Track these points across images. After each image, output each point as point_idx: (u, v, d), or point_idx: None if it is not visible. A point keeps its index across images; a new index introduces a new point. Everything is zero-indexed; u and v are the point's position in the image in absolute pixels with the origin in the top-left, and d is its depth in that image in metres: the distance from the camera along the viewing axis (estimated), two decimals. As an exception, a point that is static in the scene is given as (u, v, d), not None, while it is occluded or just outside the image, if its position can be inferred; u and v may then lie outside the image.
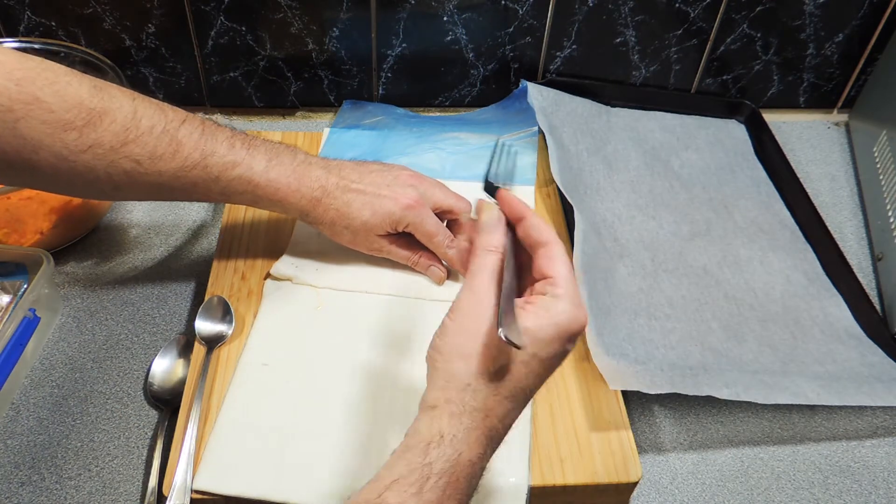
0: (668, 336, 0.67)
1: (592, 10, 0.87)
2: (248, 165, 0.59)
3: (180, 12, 0.84)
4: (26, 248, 0.69)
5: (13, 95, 0.50)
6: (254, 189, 0.60)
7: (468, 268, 0.47)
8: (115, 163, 0.55)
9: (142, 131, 0.55)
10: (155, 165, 0.56)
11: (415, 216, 0.63)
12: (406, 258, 0.67)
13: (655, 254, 0.76)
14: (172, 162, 0.57)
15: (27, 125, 0.51)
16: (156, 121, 0.56)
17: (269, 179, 0.60)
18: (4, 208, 0.68)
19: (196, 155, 0.57)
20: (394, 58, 0.89)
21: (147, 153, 0.55)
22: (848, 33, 0.91)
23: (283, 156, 0.62)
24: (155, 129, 0.56)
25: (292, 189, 0.61)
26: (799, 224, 0.82)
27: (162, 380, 0.64)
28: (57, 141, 0.52)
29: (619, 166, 0.84)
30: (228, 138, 0.59)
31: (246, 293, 0.67)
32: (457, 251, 0.66)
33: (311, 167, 0.63)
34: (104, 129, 0.54)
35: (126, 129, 0.54)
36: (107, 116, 0.54)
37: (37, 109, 0.51)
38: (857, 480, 0.63)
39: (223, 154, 0.58)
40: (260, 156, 0.60)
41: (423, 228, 0.64)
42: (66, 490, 0.58)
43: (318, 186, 0.62)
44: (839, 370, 0.67)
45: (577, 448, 0.57)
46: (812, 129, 0.99)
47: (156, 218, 0.80)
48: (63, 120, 0.52)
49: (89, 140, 0.53)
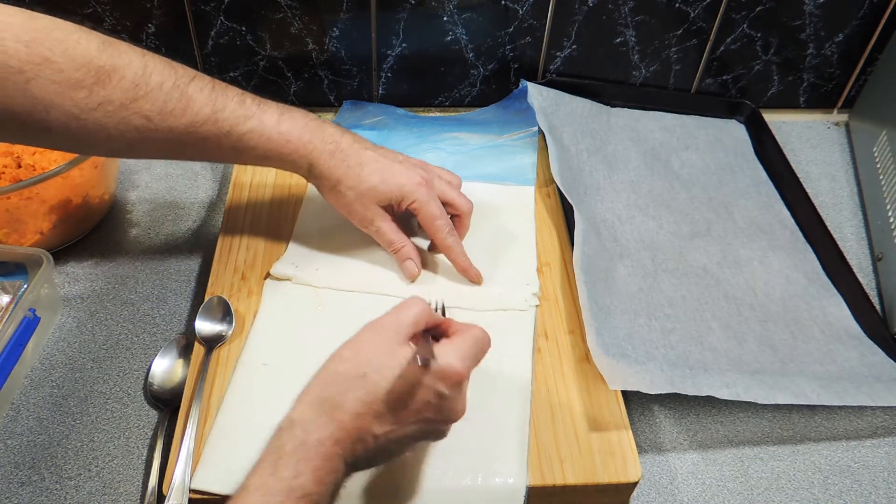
0: (668, 336, 0.67)
1: (592, 10, 0.87)
2: (260, 119, 0.60)
3: (180, 12, 0.84)
4: (26, 248, 0.69)
5: (23, 57, 0.50)
6: (265, 143, 0.60)
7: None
8: (126, 119, 0.55)
9: (151, 87, 0.55)
10: (165, 121, 0.56)
11: (423, 195, 0.64)
12: (389, 243, 0.66)
13: (655, 254, 0.76)
14: (183, 117, 0.57)
15: (38, 85, 0.51)
16: (165, 76, 0.56)
17: (280, 132, 0.61)
18: (4, 208, 0.68)
19: (207, 110, 0.58)
20: (394, 58, 0.89)
21: (157, 109, 0.56)
22: (848, 33, 0.91)
23: (295, 112, 0.63)
24: (165, 85, 0.56)
25: (304, 141, 0.61)
26: (799, 224, 0.82)
27: (162, 380, 0.64)
28: (67, 100, 0.53)
29: (619, 166, 0.84)
30: (239, 95, 0.60)
31: (246, 293, 0.67)
32: (455, 240, 0.66)
33: (326, 125, 0.64)
34: (113, 86, 0.54)
35: (136, 85, 0.55)
36: (116, 73, 0.54)
37: (47, 70, 0.51)
38: (857, 480, 0.63)
39: (234, 109, 0.59)
40: (271, 111, 0.61)
41: (428, 209, 0.64)
42: (66, 490, 0.58)
43: (332, 141, 0.63)
44: (839, 370, 0.67)
45: (577, 448, 0.57)
46: (812, 129, 0.99)
47: (156, 218, 0.80)
48: (73, 79, 0.52)
49: (99, 98, 0.54)
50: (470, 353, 0.49)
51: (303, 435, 0.45)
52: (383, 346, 0.48)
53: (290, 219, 0.73)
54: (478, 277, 0.68)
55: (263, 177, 0.78)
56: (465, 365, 0.48)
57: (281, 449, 0.45)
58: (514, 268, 0.70)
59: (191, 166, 0.86)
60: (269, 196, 0.76)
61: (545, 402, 0.60)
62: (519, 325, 0.65)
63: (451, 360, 0.48)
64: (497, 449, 0.56)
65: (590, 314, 0.63)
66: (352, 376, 0.47)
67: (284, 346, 0.63)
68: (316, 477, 0.44)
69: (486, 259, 0.70)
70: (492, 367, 0.62)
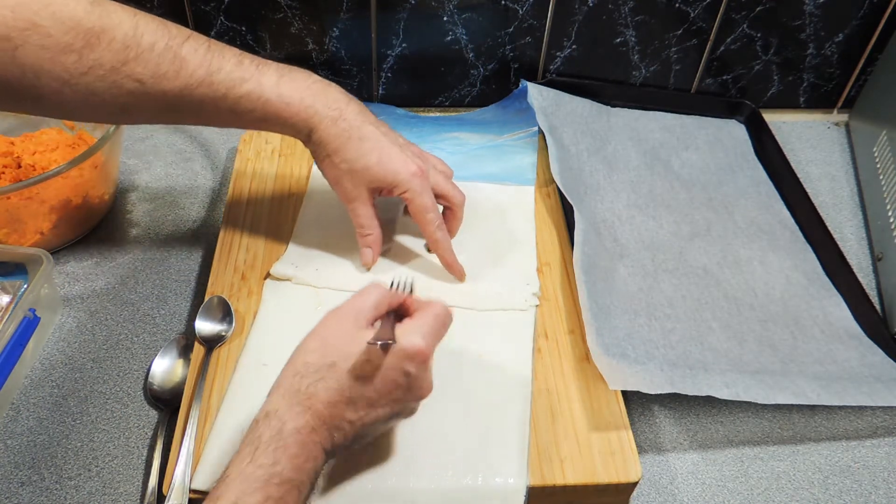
0: (668, 336, 0.67)
1: (592, 10, 0.87)
2: (258, 81, 0.58)
3: (180, 12, 0.84)
4: (26, 248, 0.68)
5: (9, 23, 0.49)
6: (263, 105, 0.58)
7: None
8: (118, 83, 0.54)
9: (143, 49, 0.54)
10: (159, 84, 0.55)
11: (416, 185, 0.63)
12: (360, 226, 0.66)
13: (655, 254, 0.76)
14: (177, 80, 0.55)
15: (26, 52, 0.50)
16: (158, 37, 0.55)
17: (279, 94, 0.59)
18: (4, 208, 0.68)
19: (201, 72, 0.56)
20: (394, 58, 0.89)
21: (150, 72, 0.54)
22: (848, 33, 0.91)
23: (297, 73, 0.61)
24: (157, 46, 0.54)
25: (305, 105, 0.59)
26: (799, 224, 0.82)
27: (162, 380, 0.64)
28: (57, 65, 0.51)
29: (619, 166, 0.84)
30: (237, 55, 0.58)
31: (246, 293, 0.67)
32: (444, 235, 0.66)
33: (329, 88, 0.61)
34: (103, 48, 0.52)
35: (126, 47, 0.53)
36: (105, 35, 0.52)
37: (34, 35, 0.50)
38: (857, 480, 0.63)
39: (230, 70, 0.57)
40: (270, 72, 0.59)
41: (420, 200, 0.63)
42: (66, 490, 0.58)
43: (336, 108, 0.61)
44: (839, 370, 0.67)
45: (577, 448, 0.57)
46: (812, 129, 0.99)
47: (156, 218, 0.80)
48: (62, 43, 0.51)
49: (89, 61, 0.52)
50: (431, 330, 0.50)
51: (279, 424, 0.46)
52: (346, 333, 0.49)
53: (290, 219, 0.73)
54: (461, 275, 0.68)
55: (264, 177, 0.78)
56: (427, 342, 0.49)
57: (258, 439, 0.45)
58: (514, 268, 0.70)
59: (191, 166, 0.86)
60: (269, 196, 0.76)
61: (545, 402, 0.60)
62: (519, 324, 0.65)
63: (414, 340, 0.48)
64: (497, 448, 0.56)
65: (590, 314, 0.63)
66: (321, 366, 0.48)
67: (284, 346, 0.62)
68: (294, 464, 0.45)
69: (486, 259, 0.70)
70: (492, 367, 0.62)
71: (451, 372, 0.60)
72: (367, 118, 0.62)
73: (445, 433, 0.57)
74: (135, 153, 0.87)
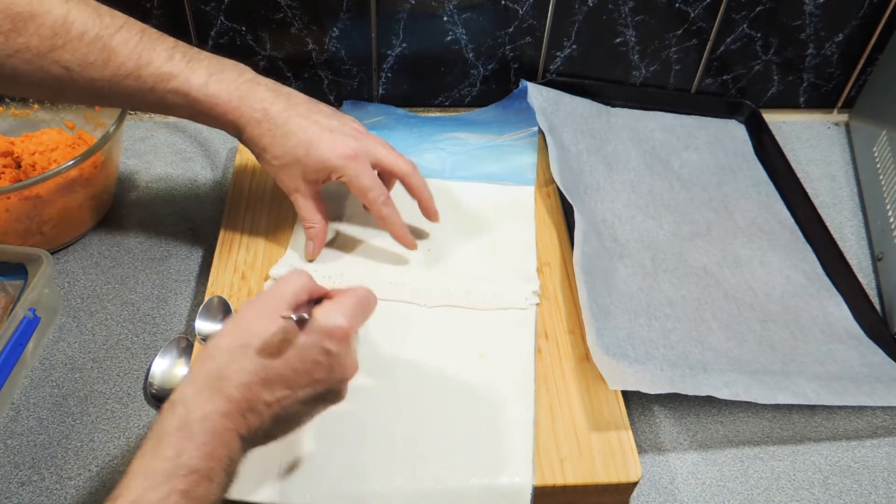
0: (668, 336, 0.67)
1: (592, 10, 0.87)
2: (186, 79, 0.58)
3: (180, 12, 0.84)
4: (26, 248, 0.68)
5: None
6: (191, 104, 0.58)
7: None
8: (44, 68, 0.54)
9: (72, 37, 0.54)
10: (86, 73, 0.55)
11: (351, 169, 0.62)
12: (302, 218, 0.66)
13: (655, 254, 0.76)
14: (105, 70, 0.55)
15: None
16: (88, 26, 0.54)
17: (207, 95, 0.58)
18: (4, 208, 0.68)
19: (130, 64, 0.56)
20: (394, 58, 0.89)
21: (77, 60, 0.54)
22: (848, 33, 0.91)
23: (228, 72, 0.60)
24: (87, 36, 0.54)
25: (232, 106, 0.59)
26: (799, 224, 0.82)
27: (162, 380, 0.64)
28: None
29: (619, 166, 0.84)
30: (168, 49, 0.58)
31: (246, 293, 0.67)
32: (391, 210, 0.65)
33: (258, 87, 0.61)
34: (31, 33, 0.53)
35: (54, 34, 0.53)
36: (34, 21, 0.53)
37: None
38: (857, 480, 0.63)
39: (159, 65, 0.57)
40: (201, 70, 0.59)
41: (358, 182, 0.63)
42: (66, 490, 0.58)
43: (261, 108, 0.60)
44: (839, 370, 0.67)
45: (577, 448, 0.57)
46: (812, 129, 0.99)
47: (156, 218, 0.80)
48: None
49: (16, 45, 0.52)
50: (352, 308, 0.48)
51: (185, 413, 0.44)
52: (263, 316, 0.47)
53: (290, 219, 0.73)
54: (412, 244, 0.68)
55: (264, 177, 0.78)
56: (348, 320, 0.48)
57: (162, 431, 0.43)
58: (514, 267, 0.70)
59: (191, 166, 0.86)
60: (269, 196, 0.76)
61: (545, 402, 0.60)
62: (520, 323, 0.65)
63: (334, 317, 0.47)
64: (502, 448, 0.56)
65: (590, 314, 0.63)
66: (234, 347, 0.46)
67: (284, 346, 0.62)
68: (203, 452, 0.43)
69: (486, 259, 0.70)
70: (494, 366, 0.62)
71: (452, 371, 0.61)
72: (296, 111, 0.62)
73: (450, 433, 0.57)
74: (135, 153, 0.87)
